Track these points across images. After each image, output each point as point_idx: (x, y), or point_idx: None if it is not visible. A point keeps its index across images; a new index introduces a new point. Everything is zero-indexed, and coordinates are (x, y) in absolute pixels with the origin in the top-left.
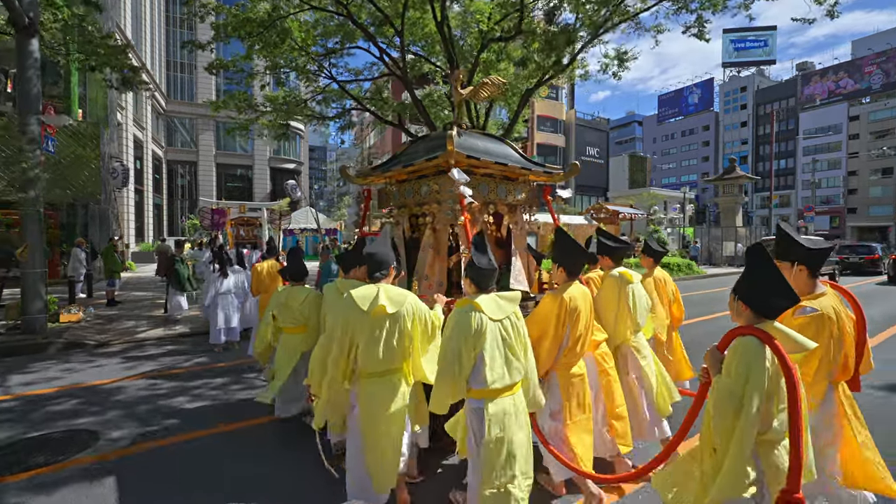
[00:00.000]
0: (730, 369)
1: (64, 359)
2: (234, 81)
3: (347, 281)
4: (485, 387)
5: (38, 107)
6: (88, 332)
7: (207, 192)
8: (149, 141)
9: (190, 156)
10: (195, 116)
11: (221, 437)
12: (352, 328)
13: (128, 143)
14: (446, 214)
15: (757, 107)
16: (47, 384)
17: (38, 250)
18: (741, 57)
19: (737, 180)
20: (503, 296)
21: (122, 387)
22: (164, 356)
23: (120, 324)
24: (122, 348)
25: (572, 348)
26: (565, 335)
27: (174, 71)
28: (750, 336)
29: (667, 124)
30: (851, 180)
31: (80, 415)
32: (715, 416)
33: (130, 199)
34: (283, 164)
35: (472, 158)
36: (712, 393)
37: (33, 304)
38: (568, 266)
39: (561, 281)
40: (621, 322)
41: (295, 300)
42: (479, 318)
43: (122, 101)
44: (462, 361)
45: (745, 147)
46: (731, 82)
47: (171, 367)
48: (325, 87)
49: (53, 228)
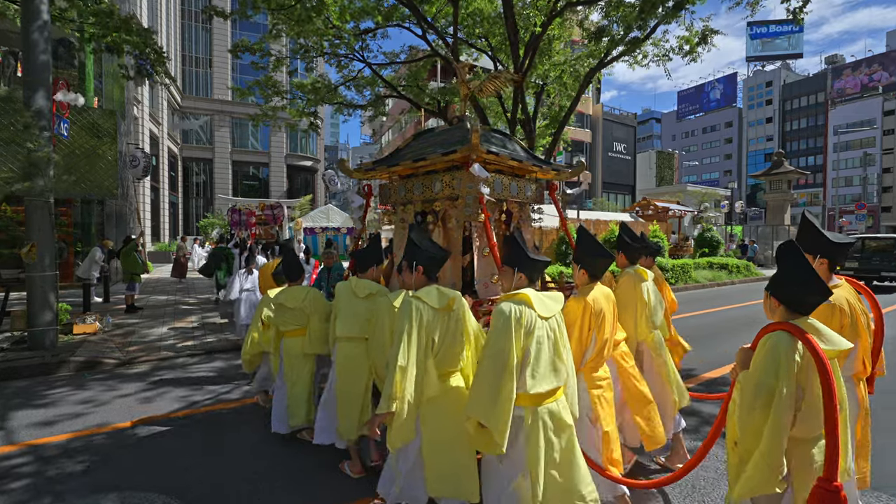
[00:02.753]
0: (757, 363)
1: (79, 384)
2: (259, 66)
3: (364, 280)
4: (524, 391)
5: (47, 78)
6: (107, 347)
7: (223, 190)
8: (164, 137)
9: (205, 153)
10: (211, 112)
11: None
12: (428, 327)
13: (144, 139)
14: (465, 212)
15: (784, 102)
16: (59, 425)
17: (47, 250)
18: (766, 51)
19: (786, 175)
20: (549, 295)
21: (160, 432)
22: (202, 380)
23: (143, 335)
24: (149, 368)
25: (599, 353)
26: (591, 340)
27: (190, 66)
28: (780, 330)
29: (686, 121)
30: (886, 177)
31: (104, 487)
32: (741, 409)
33: (146, 196)
34: (300, 162)
35: (491, 154)
36: (738, 387)
37: (41, 314)
38: (590, 267)
39: (583, 283)
40: (640, 320)
41: (293, 300)
42: (530, 314)
43: (139, 94)
44: (509, 360)
45: (771, 144)
46: (756, 77)
47: (216, 398)
48: (358, 73)
49: (67, 226)
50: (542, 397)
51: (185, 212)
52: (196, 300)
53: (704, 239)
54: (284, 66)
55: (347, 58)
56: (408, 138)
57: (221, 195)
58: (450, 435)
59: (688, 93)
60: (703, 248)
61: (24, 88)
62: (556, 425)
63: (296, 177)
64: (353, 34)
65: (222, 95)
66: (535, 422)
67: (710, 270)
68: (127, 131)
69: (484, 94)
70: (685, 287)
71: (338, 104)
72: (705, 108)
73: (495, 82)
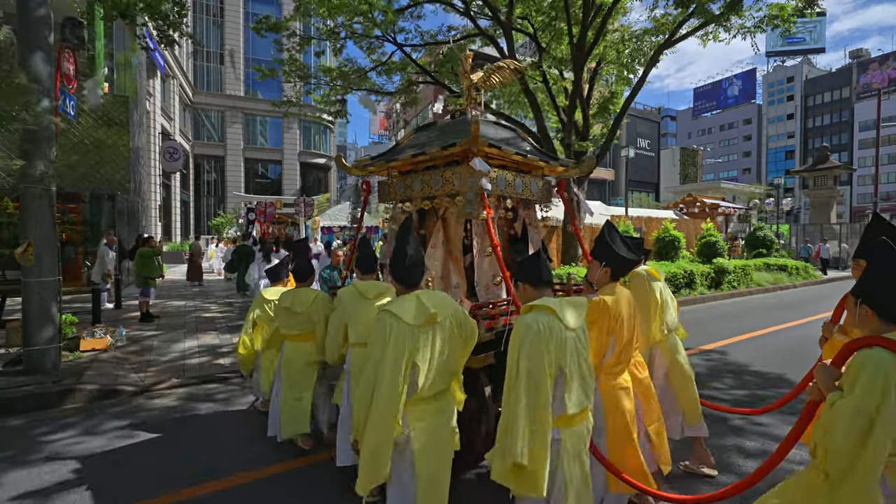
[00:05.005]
0: (855, 385)
1: (87, 423)
2: (285, 48)
3: (369, 282)
4: (563, 412)
5: (46, 37)
6: (122, 369)
7: (235, 188)
8: (176, 133)
9: (217, 150)
10: (223, 108)
11: None
12: (404, 343)
13: (155, 134)
14: (465, 209)
15: (806, 98)
16: (60, 499)
17: (47, 249)
18: (787, 45)
19: (831, 171)
20: (572, 301)
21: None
22: (250, 420)
23: (163, 351)
24: (175, 400)
25: (617, 358)
26: (610, 344)
27: (201, 60)
28: (879, 347)
29: (703, 118)
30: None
31: None
32: (835, 438)
33: (157, 194)
34: (313, 159)
35: (494, 147)
36: (829, 413)
37: (40, 329)
38: (615, 266)
39: (604, 282)
40: (653, 323)
41: (301, 304)
42: (559, 326)
43: (150, 87)
44: (545, 384)
45: (792, 141)
46: (776, 72)
47: (278, 451)
48: (388, 57)
49: (75, 224)
50: (574, 418)
51: (195, 210)
52: (218, 306)
53: (758, 238)
54: (312, 46)
55: (379, 39)
56: (408, 133)
57: (235, 192)
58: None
59: (704, 89)
60: (758, 249)
61: (19, 47)
62: (584, 444)
63: (309, 174)
64: (388, 10)
65: (234, 91)
66: (564, 446)
67: (769, 272)
68: (139, 121)
69: (488, 86)
70: (748, 291)
71: (366, 90)
72: (722, 104)
73: (500, 74)
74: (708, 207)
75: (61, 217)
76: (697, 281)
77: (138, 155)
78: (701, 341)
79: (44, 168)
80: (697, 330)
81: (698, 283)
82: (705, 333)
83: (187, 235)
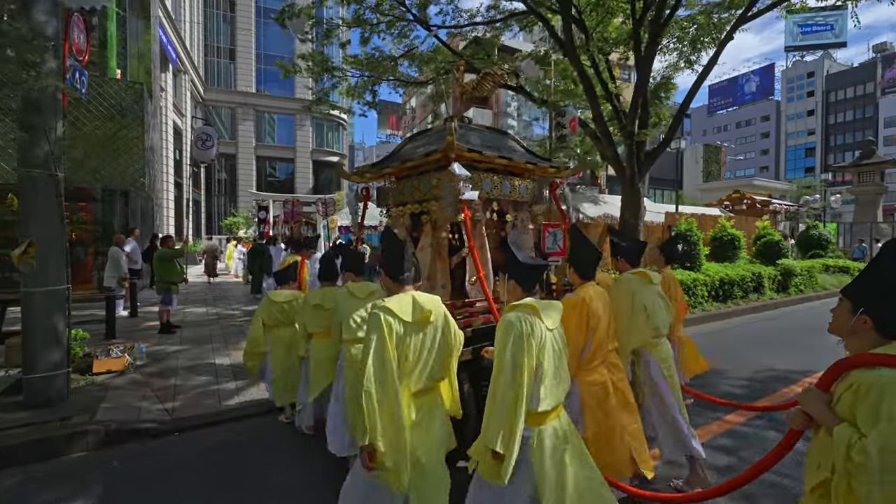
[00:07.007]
0: (879, 417)
1: (102, 481)
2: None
3: (360, 284)
4: (534, 409)
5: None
6: (143, 398)
7: (247, 187)
8: (188, 129)
9: (229, 148)
10: (235, 105)
11: None
12: (398, 341)
13: (167, 130)
14: (446, 212)
15: (827, 94)
16: None
17: (53, 252)
18: (807, 40)
19: (878, 167)
20: (552, 304)
21: None
22: (322, 480)
23: (190, 371)
24: (207, 444)
25: (594, 353)
26: (588, 341)
27: (213, 56)
28: (886, 368)
29: (718, 115)
30: None
31: None
32: (867, 481)
33: (170, 192)
34: (327, 157)
35: (474, 152)
36: (846, 452)
37: (44, 352)
38: (579, 267)
39: (577, 283)
40: (634, 328)
41: (331, 301)
42: (540, 325)
43: (163, 81)
44: (524, 378)
45: (812, 138)
46: (796, 67)
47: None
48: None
49: (86, 223)
50: (546, 416)
51: (207, 210)
52: (242, 313)
53: (812, 238)
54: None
55: (410, 24)
56: (405, 139)
57: (249, 191)
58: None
59: (720, 86)
60: (814, 250)
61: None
62: (564, 445)
63: (321, 173)
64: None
65: (246, 87)
66: (541, 444)
67: (830, 275)
68: (154, 113)
69: (480, 92)
70: (816, 295)
71: (396, 80)
72: (739, 101)
73: (492, 79)
74: (759, 204)
75: (70, 216)
76: (766, 284)
77: (152, 151)
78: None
79: (48, 147)
80: (810, 355)
81: (766, 286)
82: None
83: (199, 235)
